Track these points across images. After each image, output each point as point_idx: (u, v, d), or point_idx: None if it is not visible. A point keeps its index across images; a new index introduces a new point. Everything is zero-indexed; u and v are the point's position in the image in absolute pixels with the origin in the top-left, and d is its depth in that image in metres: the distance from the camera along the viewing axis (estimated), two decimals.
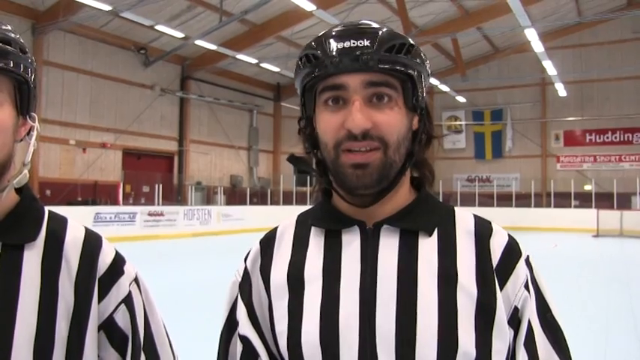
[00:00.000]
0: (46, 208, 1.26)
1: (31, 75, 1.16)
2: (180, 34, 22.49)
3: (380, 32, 1.14)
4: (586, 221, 25.39)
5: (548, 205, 29.94)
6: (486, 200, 29.92)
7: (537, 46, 23.71)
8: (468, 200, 29.43)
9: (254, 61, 25.82)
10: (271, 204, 29.54)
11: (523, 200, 29.91)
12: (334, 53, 1.11)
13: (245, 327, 1.23)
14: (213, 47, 23.86)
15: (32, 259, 1.16)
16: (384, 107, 1.12)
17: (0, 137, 1.09)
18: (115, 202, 22.76)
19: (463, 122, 34.94)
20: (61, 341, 1.14)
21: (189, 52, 26.41)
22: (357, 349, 1.09)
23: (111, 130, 24.45)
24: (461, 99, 32.89)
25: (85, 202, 21.04)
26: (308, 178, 32.15)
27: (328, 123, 1.13)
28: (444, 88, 30.36)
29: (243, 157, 31.82)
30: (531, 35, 22.41)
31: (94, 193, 22.82)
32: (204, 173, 28.89)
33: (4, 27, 1.12)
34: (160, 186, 23.62)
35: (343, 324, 1.11)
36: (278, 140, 33.84)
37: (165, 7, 21.77)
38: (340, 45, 1.12)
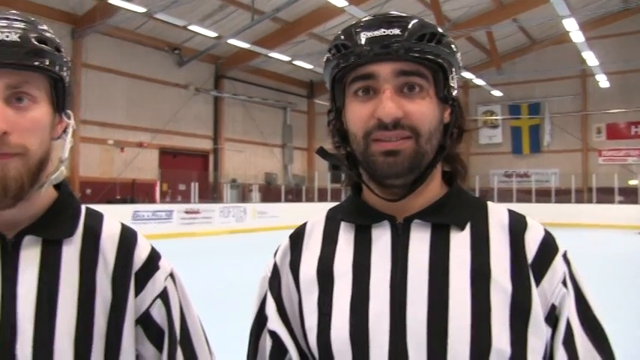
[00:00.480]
0: (83, 205, 1.29)
1: (66, 73, 1.17)
2: (213, 34, 22.70)
3: (410, 21, 1.12)
4: (631, 217, 24.75)
5: (590, 201, 29.16)
6: (524, 196, 29.47)
7: (577, 37, 23.21)
8: (505, 196, 29.02)
9: (287, 58, 25.91)
10: (306, 201, 29.59)
11: (563, 196, 29.32)
12: (364, 42, 1.10)
13: (274, 322, 1.23)
14: (246, 46, 24.02)
15: (70, 254, 1.18)
16: (415, 97, 1.10)
17: (38, 134, 1.11)
18: (152, 200, 23.06)
19: (499, 117, 34.54)
20: (100, 334, 1.16)
21: (222, 51, 26.64)
22: (388, 346, 1.08)
23: (147, 129, 24.86)
24: (497, 93, 32.47)
25: (123, 201, 21.43)
26: (342, 175, 32.11)
27: (358, 113, 1.12)
28: (479, 82, 30.00)
29: (277, 154, 31.98)
30: (570, 25, 21.94)
31: (132, 192, 23.20)
32: (239, 171, 29.10)
33: (40, 27, 1.14)
34: (196, 184, 23.85)
35: (373, 320, 1.10)
36: (312, 137, 33.92)
37: (197, 7, 21.99)
38: (370, 34, 1.10)
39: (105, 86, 23.17)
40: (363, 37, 1.10)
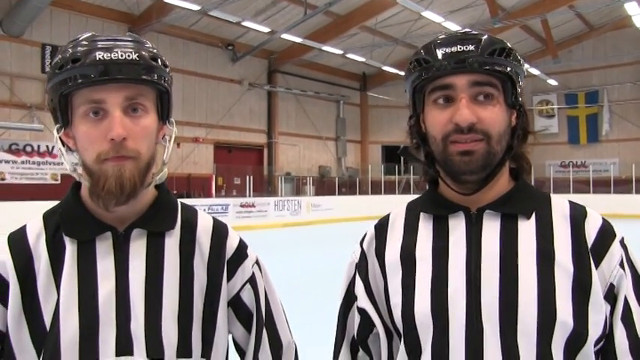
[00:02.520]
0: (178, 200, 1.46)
1: (170, 85, 1.35)
2: (266, 29, 22.89)
3: (482, 38, 1.28)
4: None
5: None
6: (582, 186, 28.69)
7: (639, 21, 22.46)
8: (561, 186, 28.35)
9: (339, 52, 25.92)
10: (360, 194, 29.55)
11: (622, 186, 28.35)
12: (442, 57, 1.27)
13: (363, 301, 1.41)
14: (298, 40, 24.15)
15: (172, 244, 1.35)
16: (487, 104, 1.26)
17: (147, 140, 1.29)
18: (208, 195, 23.47)
19: (555, 106, 33.72)
20: (198, 315, 1.33)
21: (275, 46, 26.82)
22: (465, 319, 1.24)
23: (202, 125, 25.25)
24: (552, 82, 31.71)
25: (180, 195, 21.69)
26: (396, 167, 32.09)
27: (437, 119, 1.28)
28: (534, 71, 29.33)
29: (331, 147, 32.06)
30: (632, 9, 21.32)
31: (189, 186, 23.65)
32: (293, 164, 29.35)
33: (147, 45, 1.31)
34: (251, 178, 24.17)
35: (452, 296, 1.26)
36: (365, 130, 33.85)
37: (250, 3, 22.21)
38: (448, 50, 1.27)
39: None
40: (441, 53, 1.27)
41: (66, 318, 1.24)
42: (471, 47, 1.25)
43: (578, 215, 1.30)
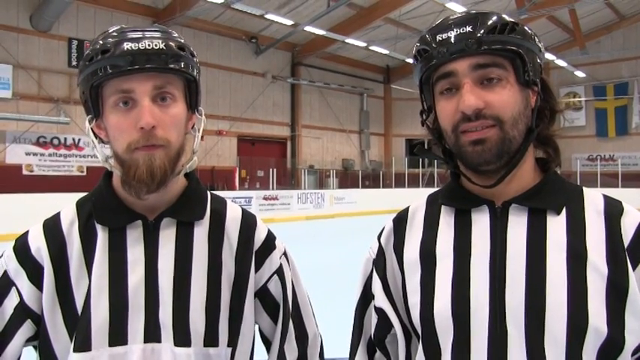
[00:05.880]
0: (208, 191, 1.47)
1: (198, 74, 1.35)
2: (289, 22, 22.83)
3: (480, 17, 1.19)
4: None
5: None
6: (610, 180, 28.26)
7: None
8: (589, 180, 27.91)
9: (363, 44, 25.79)
10: (383, 187, 29.50)
11: None
12: (440, 44, 1.19)
13: (380, 299, 1.34)
14: (322, 32, 24.06)
15: (200, 234, 1.37)
16: (495, 87, 1.16)
17: (177, 129, 1.30)
18: (231, 187, 23.56)
19: (583, 98, 33.18)
20: (225, 305, 1.35)
21: (298, 38, 26.77)
22: (488, 323, 1.15)
23: (226, 118, 25.31)
24: (580, 74, 31.19)
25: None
26: (420, 160, 31.99)
27: (445, 109, 1.21)
28: (561, 62, 28.91)
29: (354, 140, 31.98)
30: None
31: (212, 179, 23.74)
32: (317, 157, 29.33)
33: (174, 35, 1.32)
34: (274, 170, 24.23)
35: (474, 298, 1.17)
36: (389, 123, 33.71)
37: None
38: (445, 35, 1.19)
39: None
40: (438, 40, 1.20)
41: (96, 303, 1.27)
42: (468, 28, 1.17)
43: (613, 211, 1.19)
